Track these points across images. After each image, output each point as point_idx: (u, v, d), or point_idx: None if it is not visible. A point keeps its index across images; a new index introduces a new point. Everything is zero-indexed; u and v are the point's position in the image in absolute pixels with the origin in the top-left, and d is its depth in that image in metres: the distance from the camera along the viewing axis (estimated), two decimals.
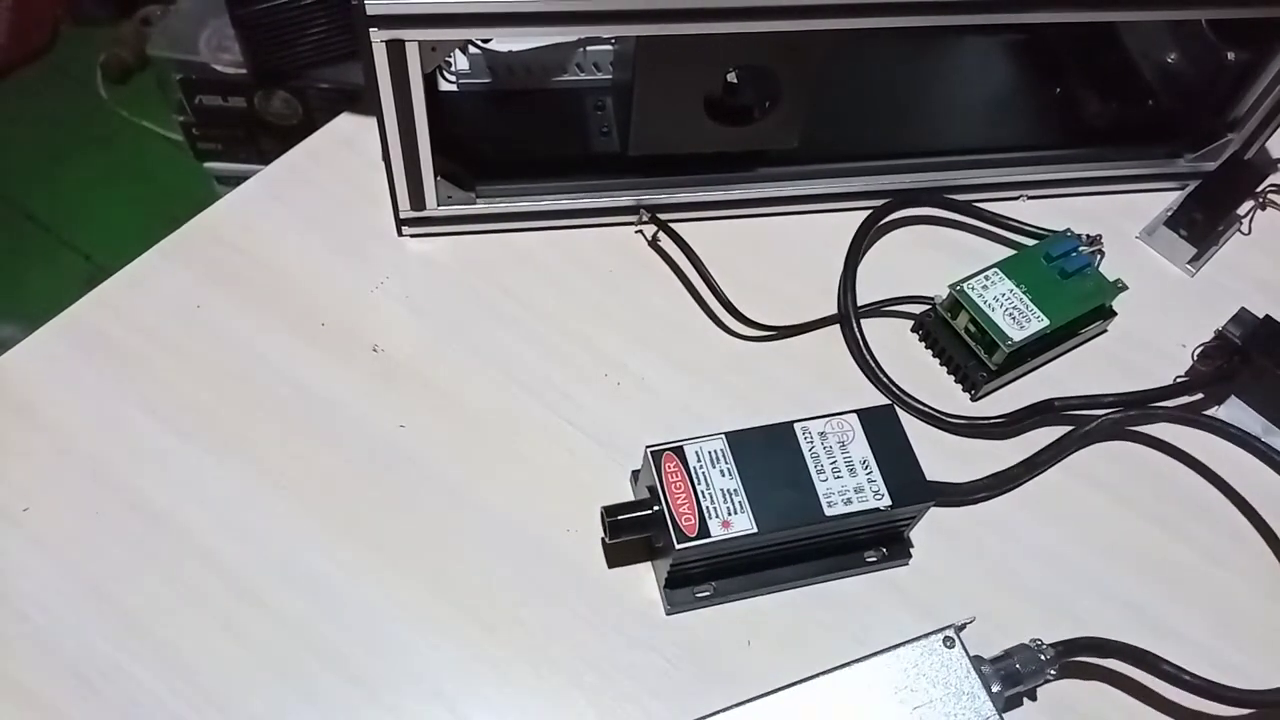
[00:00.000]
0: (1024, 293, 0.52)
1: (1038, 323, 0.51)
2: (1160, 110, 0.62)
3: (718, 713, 0.39)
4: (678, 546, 0.41)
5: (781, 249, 0.57)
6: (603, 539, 0.44)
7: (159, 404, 0.48)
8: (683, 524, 0.41)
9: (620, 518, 0.43)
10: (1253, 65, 0.56)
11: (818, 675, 0.39)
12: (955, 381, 0.53)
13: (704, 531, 0.41)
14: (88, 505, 0.45)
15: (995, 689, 0.40)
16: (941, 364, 0.53)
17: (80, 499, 0.45)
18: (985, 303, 0.51)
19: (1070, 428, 0.50)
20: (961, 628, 0.41)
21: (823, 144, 0.56)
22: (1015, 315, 0.51)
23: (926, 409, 0.50)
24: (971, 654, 0.41)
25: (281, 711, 0.41)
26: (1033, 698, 0.43)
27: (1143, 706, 0.44)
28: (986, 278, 0.52)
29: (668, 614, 0.44)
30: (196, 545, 0.45)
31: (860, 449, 0.44)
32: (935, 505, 0.47)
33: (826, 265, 0.55)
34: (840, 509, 0.42)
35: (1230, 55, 0.57)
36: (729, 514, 0.42)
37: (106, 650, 0.42)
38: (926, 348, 0.54)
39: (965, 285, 0.52)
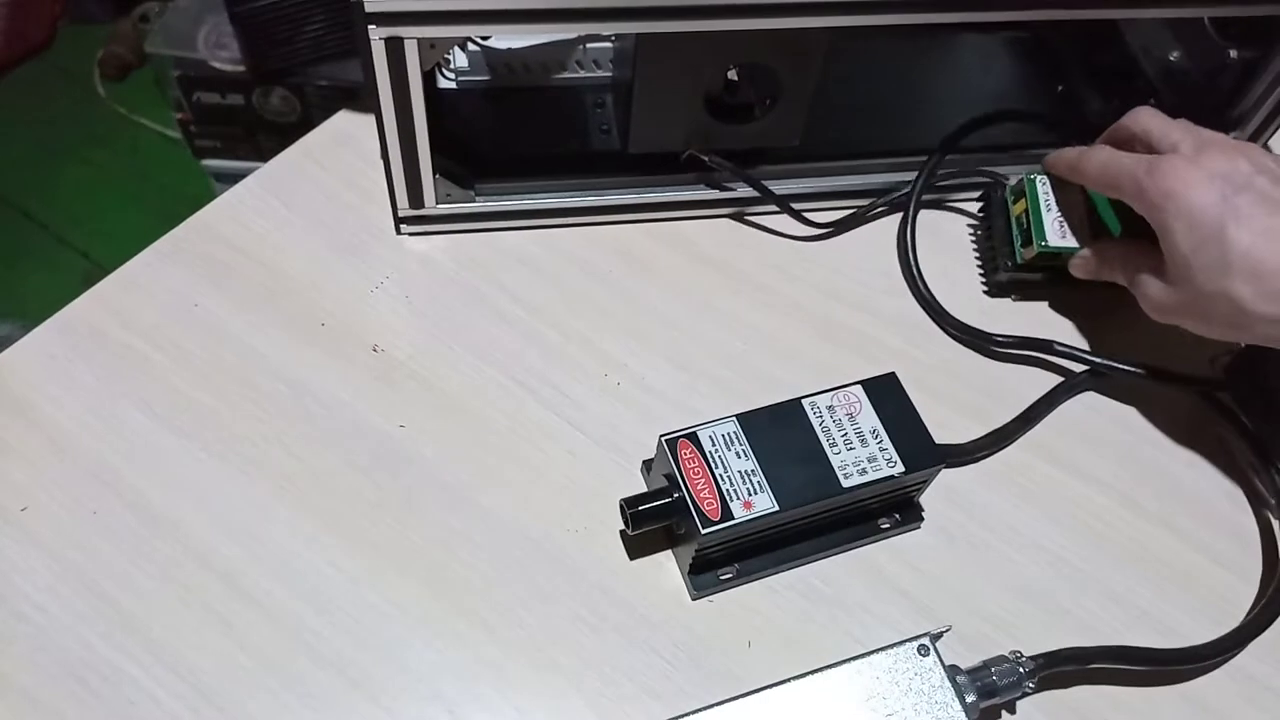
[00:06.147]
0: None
1: (1074, 244, 0.52)
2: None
3: (682, 716, 0.38)
4: (703, 531, 0.41)
5: (782, 246, 0.56)
6: (622, 531, 0.44)
7: (157, 403, 0.48)
8: (705, 509, 0.41)
9: (641, 508, 0.43)
10: (1256, 63, 0.56)
11: (788, 680, 0.39)
12: (979, 268, 0.56)
13: (727, 514, 0.41)
14: (86, 505, 0.45)
15: (970, 699, 0.39)
16: (977, 248, 0.57)
17: (78, 498, 0.45)
18: (1046, 203, 0.52)
19: (1060, 379, 0.52)
20: (938, 636, 0.41)
21: (824, 142, 0.56)
22: (1062, 227, 0.52)
23: (937, 307, 0.53)
24: (947, 663, 0.40)
25: (281, 712, 0.41)
26: (1011, 710, 0.43)
27: (1136, 696, 0.44)
28: (1059, 186, 0.53)
29: (693, 599, 0.45)
30: (195, 545, 0.44)
31: (869, 419, 0.44)
32: (946, 467, 0.47)
33: None
34: (856, 480, 0.43)
35: (1233, 53, 0.57)
36: (749, 495, 0.42)
37: (105, 650, 0.42)
38: (977, 226, 0.57)
39: (1037, 179, 0.53)
